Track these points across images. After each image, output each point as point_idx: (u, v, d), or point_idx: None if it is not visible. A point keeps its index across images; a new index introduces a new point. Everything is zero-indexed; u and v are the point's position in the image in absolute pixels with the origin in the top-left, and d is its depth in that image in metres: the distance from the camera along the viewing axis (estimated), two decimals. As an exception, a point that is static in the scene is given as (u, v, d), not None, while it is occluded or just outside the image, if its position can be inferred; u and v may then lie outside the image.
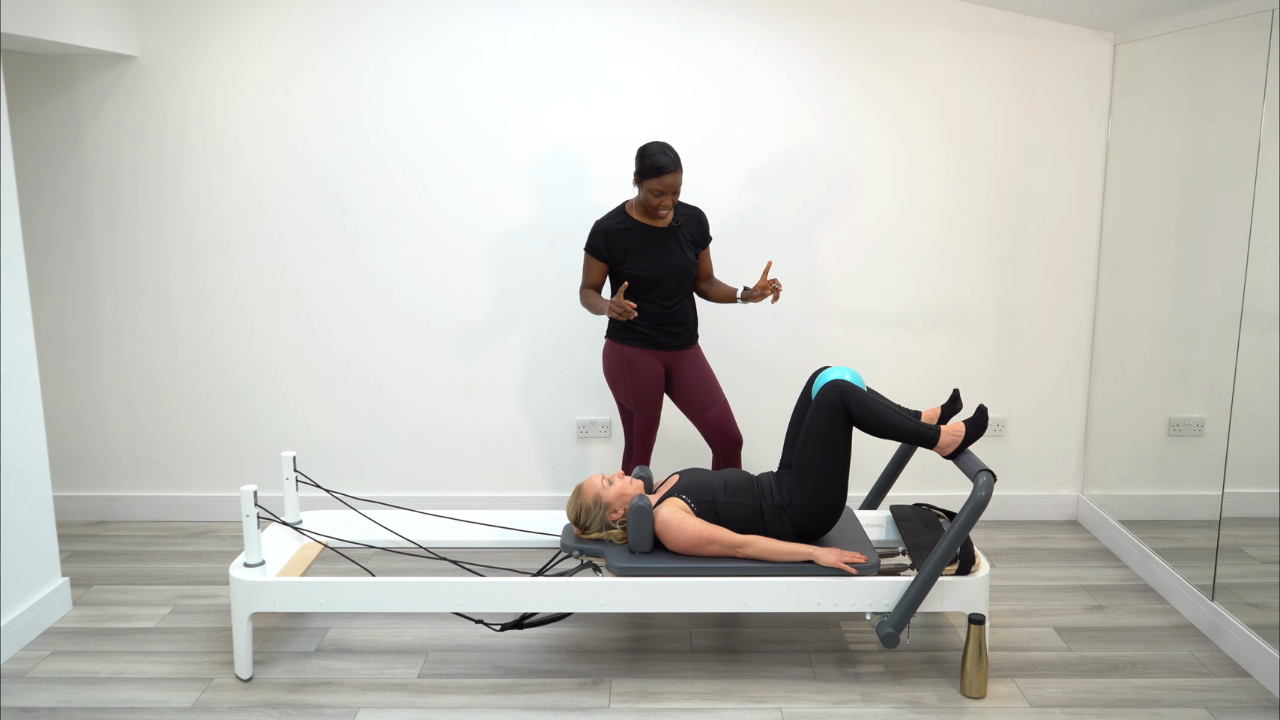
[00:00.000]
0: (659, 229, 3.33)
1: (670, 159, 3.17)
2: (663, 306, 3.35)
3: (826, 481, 2.90)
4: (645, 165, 3.19)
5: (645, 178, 3.20)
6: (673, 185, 3.19)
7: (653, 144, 3.21)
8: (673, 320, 3.38)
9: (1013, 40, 3.83)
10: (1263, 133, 2.93)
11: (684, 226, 3.38)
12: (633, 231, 3.32)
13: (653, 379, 3.42)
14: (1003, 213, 3.96)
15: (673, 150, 3.20)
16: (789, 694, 2.86)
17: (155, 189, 3.93)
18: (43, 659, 3.06)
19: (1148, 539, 3.61)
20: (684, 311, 3.40)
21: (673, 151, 3.19)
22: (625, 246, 3.31)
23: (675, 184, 3.19)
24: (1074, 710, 2.77)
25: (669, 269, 3.31)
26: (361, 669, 3.00)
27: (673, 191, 3.21)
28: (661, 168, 3.16)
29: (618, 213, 3.35)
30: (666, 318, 3.37)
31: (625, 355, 3.40)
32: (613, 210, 3.38)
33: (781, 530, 2.95)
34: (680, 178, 3.20)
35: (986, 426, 3.01)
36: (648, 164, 3.18)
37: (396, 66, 3.84)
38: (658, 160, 3.16)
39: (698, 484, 3.01)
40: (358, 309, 4.02)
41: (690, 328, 3.44)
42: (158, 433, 4.13)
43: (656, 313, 3.36)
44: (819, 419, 2.88)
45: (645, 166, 3.19)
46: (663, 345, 3.40)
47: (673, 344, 3.41)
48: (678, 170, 3.18)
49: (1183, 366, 3.39)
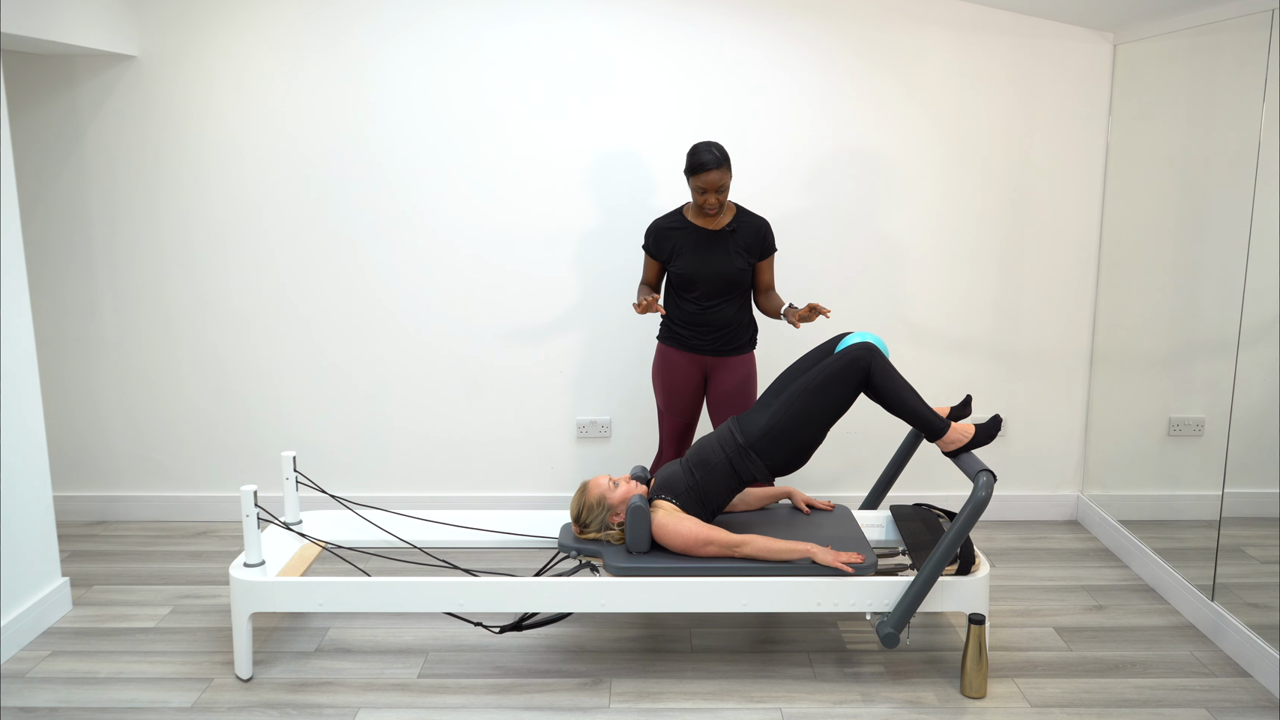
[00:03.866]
0: (712, 231, 3.33)
1: (713, 157, 3.17)
2: (699, 307, 3.35)
3: (808, 424, 2.85)
4: (689, 163, 3.22)
5: (689, 175, 3.23)
6: (715, 183, 3.19)
7: (700, 142, 3.24)
8: (708, 323, 3.36)
9: (1013, 40, 3.83)
10: (1263, 133, 2.93)
11: (739, 232, 3.34)
12: (682, 231, 3.35)
13: (682, 381, 3.43)
14: (1003, 213, 3.96)
15: (719, 149, 3.20)
16: (789, 694, 2.85)
17: (155, 189, 3.93)
18: (43, 659, 3.06)
19: (1148, 539, 3.61)
20: (723, 317, 3.35)
21: (718, 150, 3.19)
22: (673, 245, 3.35)
23: (717, 181, 3.19)
24: (1074, 710, 2.77)
25: (708, 271, 3.30)
26: (361, 669, 3.00)
27: (716, 189, 3.20)
28: (702, 165, 3.18)
29: (674, 212, 3.40)
30: (701, 319, 3.36)
31: (660, 353, 3.48)
32: (671, 210, 3.46)
33: (755, 471, 2.92)
34: (723, 176, 3.19)
35: (996, 437, 3.00)
36: (691, 161, 3.21)
37: (396, 66, 3.84)
38: (700, 157, 3.19)
39: (669, 480, 3.01)
40: (358, 309, 4.02)
41: (730, 335, 3.38)
42: (158, 433, 4.13)
43: (691, 312, 3.37)
44: (835, 367, 2.82)
45: (689, 164, 3.22)
46: (695, 347, 3.40)
47: (707, 348, 3.39)
48: (718, 168, 3.17)
49: (1183, 366, 3.38)
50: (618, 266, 3.98)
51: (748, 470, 2.93)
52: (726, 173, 3.19)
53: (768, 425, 2.89)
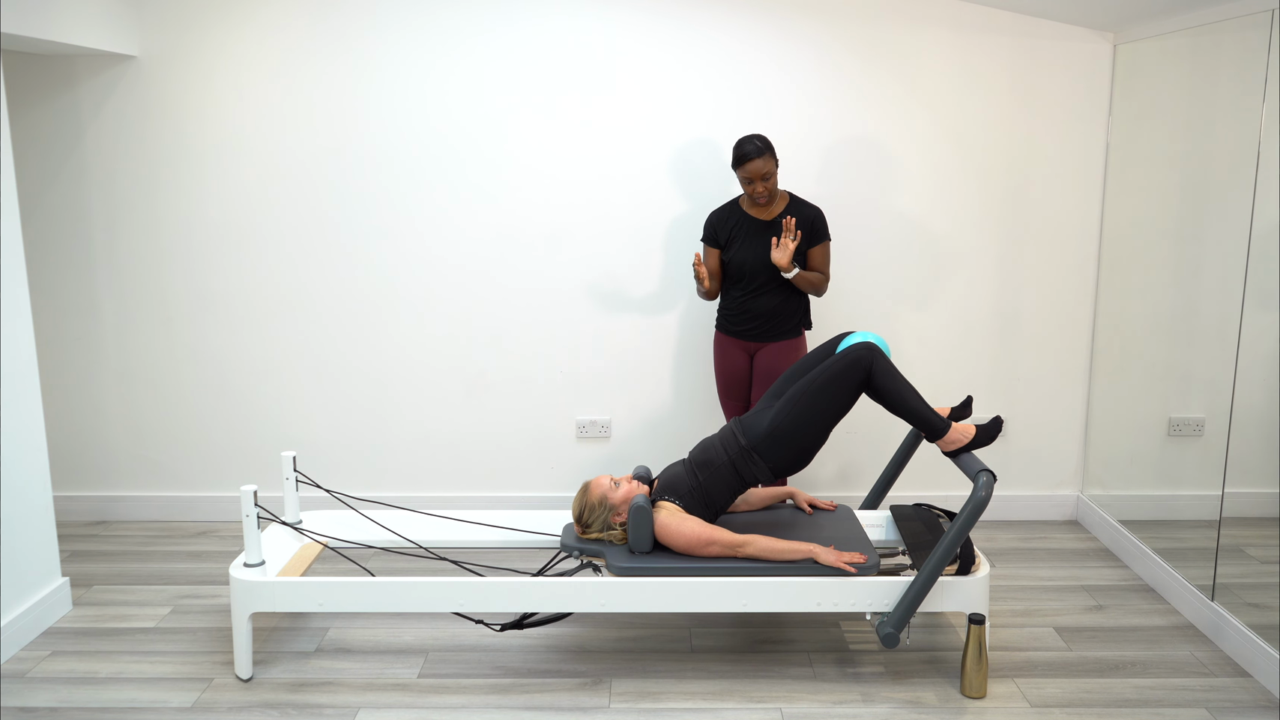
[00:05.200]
0: (764, 221, 3.45)
1: (754, 146, 3.30)
2: (746, 294, 3.47)
3: (810, 425, 2.85)
4: (734, 155, 3.36)
5: (735, 167, 3.37)
6: (759, 171, 3.31)
7: (744, 135, 3.39)
8: (754, 310, 3.49)
9: (1013, 40, 3.83)
10: (1263, 133, 2.93)
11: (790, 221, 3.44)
12: (736, 220, 3.49)
13: (732, 366, 3.57)
14: (1003, 213, 3.96)
15: (760, 139, 3.32)
16: (789, 694, 2.85)
17: (155, 189, 3.93)
18: (43, 659, 3.06)
19: (1148, 539, 3.61)
20: (769, 304, 3.47)
21: (760, 139, 3.32)
22: (728, 233, 3.49)
23: (761, 169, 3.31)
24: (1074, 710, 2.77)
25: (755, 259, 3.42)
26: (361, 669, 3.00)
27: (761, 177, 3.33)
28: (745, 155, 3.31)
29: (730, 203, 3.55)
30: (748, 306, 3.48)
31: (715, 340, 3.65)
32: (728, 201, 3.59)
33: (758, 472, 2.93)
34: (766, 164, 3.31)
35: (996, 438, 2.99)
36: (735, 154, 3.35)
37: (396, 65, 3.84)
38: (743, 149, 3.33)
39: (672, 480, 3.01)
40: (358, 308, 4.02)
41: (775, 321, 3.49)
42: (158, 433, 4.13)
43: (739, 298, 3.50)
44: (836, 368, 2.82)
45: (734, 157, 3.36)
46: (739, 334, 3.54)
47: (752, 333, 3.52)
48: (760, 156, 3.30)
49: (1183, 366, 3.39)
50: (618, 266, 3.98)
51: (750, 472, 2.93)
52: (769, 160, 3.31)
53: (770, 426, 2.89)
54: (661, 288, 4.00)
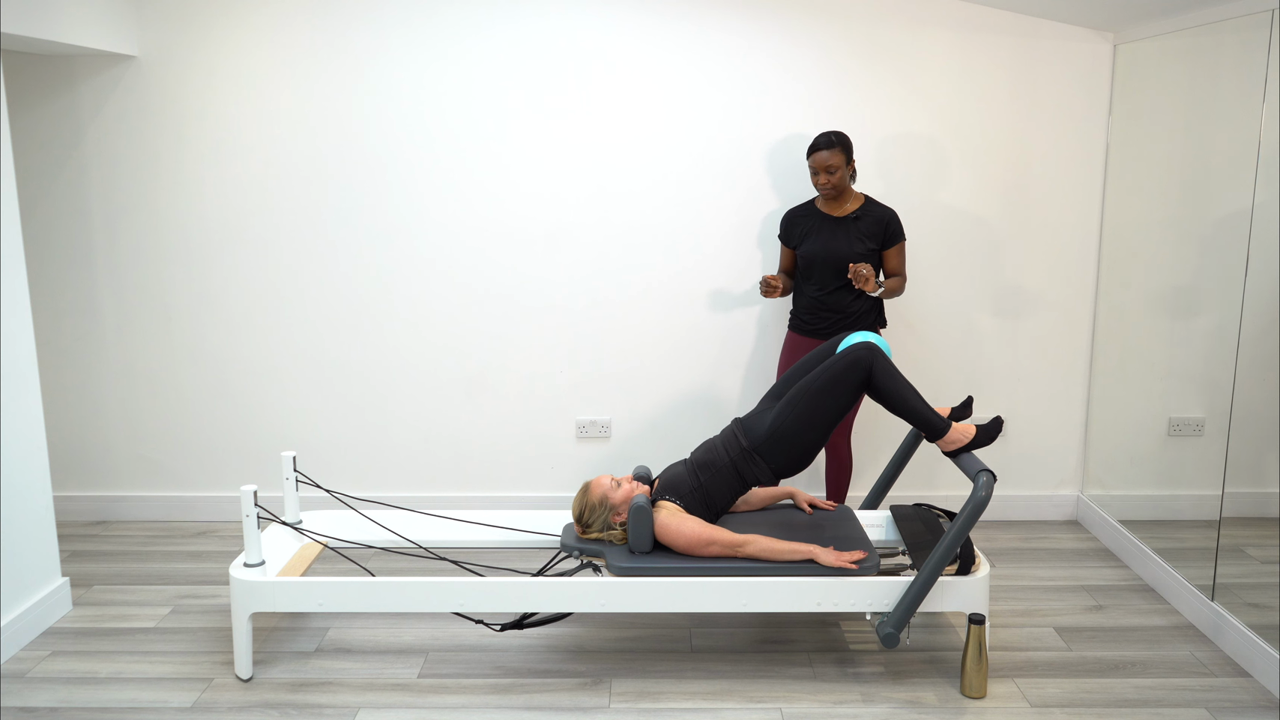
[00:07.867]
0: (837, 218, 3.51)
1: (825, 139, 3.40)
2: (820, 291, 3.52)
3: (811, 426, 2.86)
4: (810, 146, 3.44)
5: (808, 157, 3.45)
6: (823, 162, 3.40)
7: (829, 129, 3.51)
8: (825, 307, 3.53)
9: (1013, 40, 3.83)
10: (1263, 133, 2.93)
11: (862, 220, 3.49)
12: (809, 218, 3.56)
13: None
14: (1003, 213, 3.96)
15: (836, 134, 3.42)
16: (789, 694, 2.86)
17: (155, 189, 3.93)
18: (43, 659, 3.06)
19: (1148, 539, 3.61)
20: (841, 302, 3.50)
21: (834, 134, 3.41)
22: (801, 230, 3.57)
23: (825, 161, 3.39)
24: (1074, 710, 2.77)
25: (825, 255, 3.47)
26: (361, 669, 3.00)
27: (825, 169, 3.40)
28: (814, 145, 3.41)
29: (806, 202, 3.63)
30: (820, 304, 3.55)
31: (786, 339, 3.70)
32: (804, 200, 3.71)
33: (759, 473, 2.94)
34: (831, 157, 3.39)
35: (996, 438, 2.99)
36: (810, 145, 3.45)
37: (396, 65, 3.84)
38: (816, 140, 3.42)
39: (673, 480, 3.01)
40: (358, 308, 4.02)
41: (847, 321, 3.53)
42: (158, 433, 4.13)
43: (813, 295, 3.56)
44: (837, 368, 2.83)
45: (809, 147, 3.44)
46: (813, 332, 3.58)
47: (825, 331, 3.56)
48: (827, 149, 3.39)
49: (1183, 366, 3.39)
50: (618, 266, 3.98)
51: (752, 473, 2.94)
52: (836, 155, 3.39)
53: (771, 427, 2.89)
54: (662, 287, 4.00)
